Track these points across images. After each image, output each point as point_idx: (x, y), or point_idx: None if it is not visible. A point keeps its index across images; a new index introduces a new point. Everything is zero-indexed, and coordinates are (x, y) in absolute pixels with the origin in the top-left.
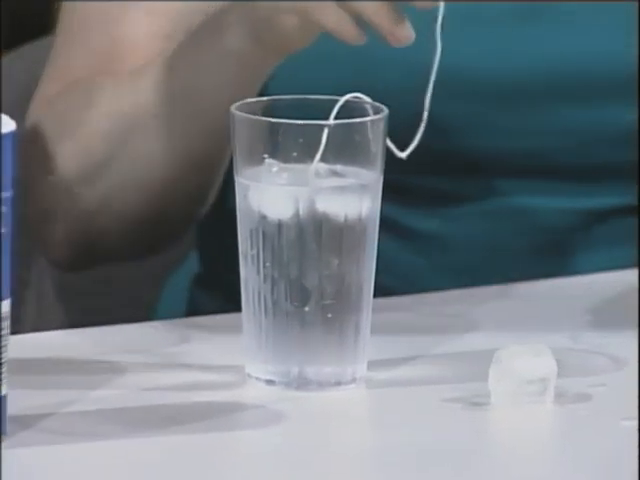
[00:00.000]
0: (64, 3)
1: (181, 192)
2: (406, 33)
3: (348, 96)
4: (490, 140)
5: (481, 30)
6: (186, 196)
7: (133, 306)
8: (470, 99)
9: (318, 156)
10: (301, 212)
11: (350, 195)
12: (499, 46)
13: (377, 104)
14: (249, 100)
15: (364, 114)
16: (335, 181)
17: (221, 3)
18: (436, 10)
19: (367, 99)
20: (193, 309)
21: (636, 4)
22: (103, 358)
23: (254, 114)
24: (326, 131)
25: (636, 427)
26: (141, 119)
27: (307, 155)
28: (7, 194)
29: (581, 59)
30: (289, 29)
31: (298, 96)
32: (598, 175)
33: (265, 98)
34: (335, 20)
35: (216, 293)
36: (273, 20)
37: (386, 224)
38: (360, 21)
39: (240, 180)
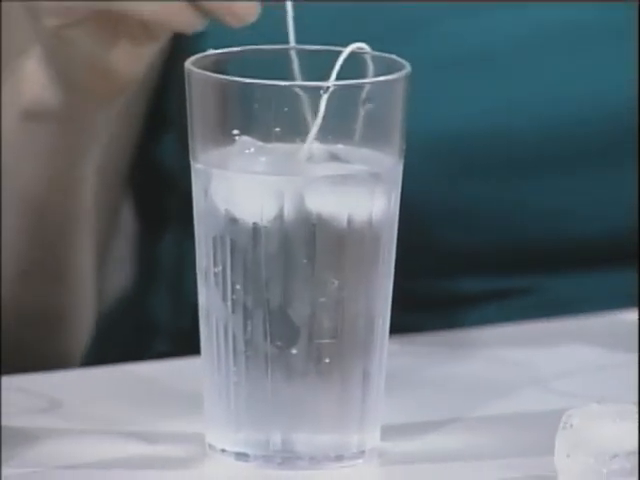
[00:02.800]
0: None
1: (22, 319)
2: (247, 7)
3: (353, 46)
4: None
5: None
6: (33, 324)
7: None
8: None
9: (313, 132)
10: (286, 213)
11: (356, 188)
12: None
13: (393, 57)
14: (212, 52)
15: (371, 73)
16: (335, 168)
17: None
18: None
19: (380, 53)
20: (127, 351)
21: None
22: (6, 421)
23: (218, 71)
24: (325, 97)
25: None
26: None
27: (295, 131)
28: None
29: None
30: (117, 62)
31: (283, 46)
32: None
33: (236, 49)
34: (157, 10)
35: (159, 324)
36: (93, 57)
37: None
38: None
39: (198, 167)
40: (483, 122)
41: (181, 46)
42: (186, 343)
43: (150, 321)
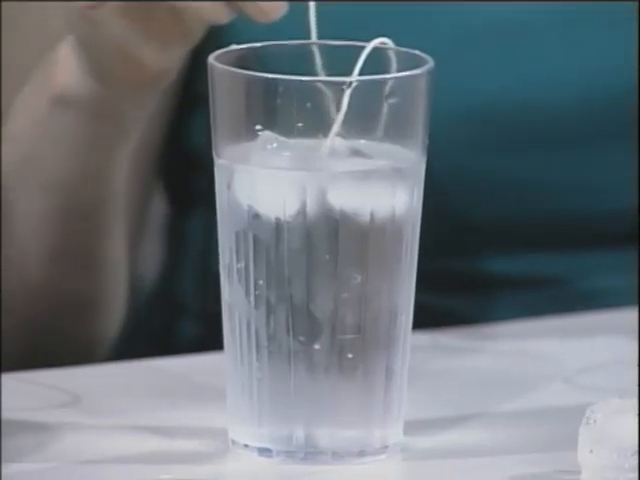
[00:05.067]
0: None
1: (54, 307)
2: (274, 5)
3: (376, 41)
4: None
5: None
6: (65, 312)
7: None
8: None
9: (335, 127)
10: (309, 208)
11: (379, 183)
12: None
13: (417, 53)
14: (235, 47)
15: (394, 68)
16: (358, 163)
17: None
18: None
19: (403, 48)
20: (156, 332)
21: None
22: (26, 416)
23: (241, 67)
24: (348, 92)
25: None
26: None
27: (318, 126)
28: None
29: None
30: (149, 53)
31: (306, 41)
32: None
33: (258, 44)
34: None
35: (187, 321)
36: (124, 45)
37: None
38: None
39: (221, 162)
40: (506, 96)
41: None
42: (213, 324)
43: (178, 302)
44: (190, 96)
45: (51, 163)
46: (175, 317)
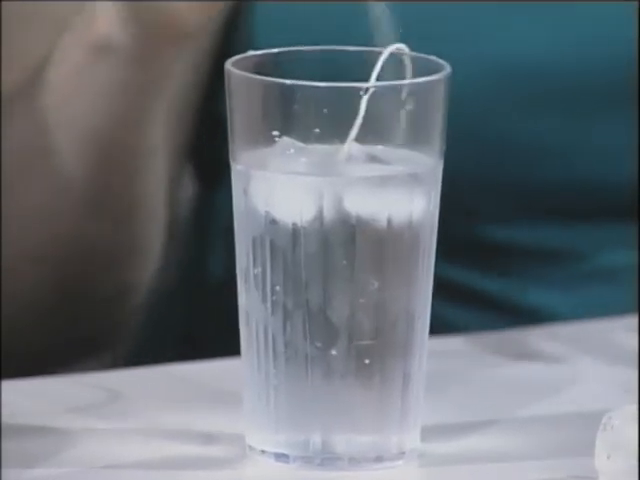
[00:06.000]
0: None
1: (91, 254)
2: None
3: (392, 47)
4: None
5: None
6: (101, 260)
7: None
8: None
9: (353, 133)
10: (326, 214)
11: (396, 189)
12: None
13: (433, 58)
14: (252, 53)
15: (410, 74)
16: (374, 169)
17: None
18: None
19: (420, 54)
20: (183, 309)
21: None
22: (46, 421)
23: (259, 73)
24: (365, 98)
25: None
26: (15, 162)
27: (335, 132)
28: None
29: None
30: (186, 4)
31: (322, 47)
32: None
33: (275, 50)
34: None
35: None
36: None
37: None
38: None
39: (238, 168)
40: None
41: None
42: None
43: (206, 280)
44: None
45: (90, 112)
46: (205, 294)
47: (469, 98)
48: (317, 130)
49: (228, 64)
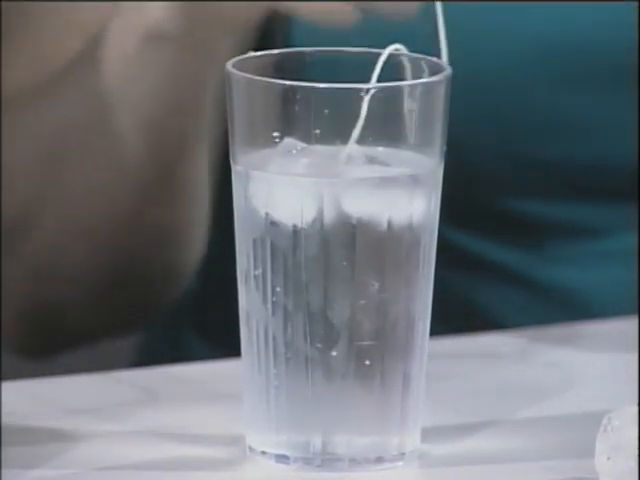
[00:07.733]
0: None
1: (140, 235)
2: (408, 5)
3: (391, 48)
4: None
5: None
6: (150, 241)
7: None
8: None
9: (355, 134)
10: (326, 215)
11: (396, 191)
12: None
13: (434, 60)
14: (252, 54)
15: (409, 75)
16: (375, 170)
17: None
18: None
19: (417, 55)
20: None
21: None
22: (48, 423)
23: (259, 74)
24: (366, 99)
25: None
26: (69, 140)
27: (335, 133)
28: None
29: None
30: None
31: (322, 48)
32: None
33: (276, 51)
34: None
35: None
36: None
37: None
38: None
39: (238, 169)
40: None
41: None
42: None
43: (222, 266)
44: None
45: (144, 97)
46: (227, 281)
47: (500, 73)
48: (318, 131)
49: (229, 65)
